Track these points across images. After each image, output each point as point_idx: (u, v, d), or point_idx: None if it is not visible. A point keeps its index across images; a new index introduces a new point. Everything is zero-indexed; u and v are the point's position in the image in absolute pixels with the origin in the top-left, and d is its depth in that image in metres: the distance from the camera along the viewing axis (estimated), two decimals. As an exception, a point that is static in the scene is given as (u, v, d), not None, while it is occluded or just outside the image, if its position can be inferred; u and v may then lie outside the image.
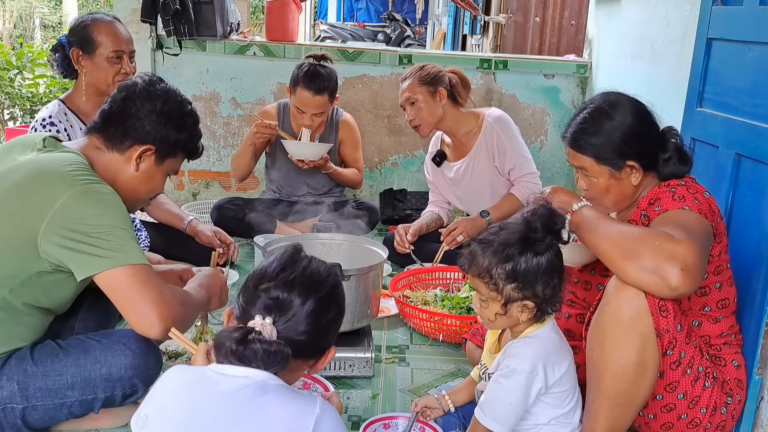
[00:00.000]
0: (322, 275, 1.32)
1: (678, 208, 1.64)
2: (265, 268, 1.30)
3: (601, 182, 1.77)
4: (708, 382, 1.63)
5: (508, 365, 1.54)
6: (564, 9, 5.42)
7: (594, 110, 1.77)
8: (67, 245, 1.53)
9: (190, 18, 3.76)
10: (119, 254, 1.55)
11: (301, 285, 1.26)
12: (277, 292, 1.24)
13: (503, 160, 2.94)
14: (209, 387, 1.16)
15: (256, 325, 1.20)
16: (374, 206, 3.38)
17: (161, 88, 1.78)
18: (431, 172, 3.21)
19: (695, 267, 1.47)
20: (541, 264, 1.51)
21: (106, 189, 1.61)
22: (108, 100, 1.78)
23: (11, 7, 12.42)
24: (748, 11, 1.95)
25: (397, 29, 11.39)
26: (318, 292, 1.27)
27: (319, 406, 1.17)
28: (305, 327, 1.24)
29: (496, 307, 1.56)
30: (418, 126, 2.92)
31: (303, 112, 3.09)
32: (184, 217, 2.88)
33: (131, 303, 1.57)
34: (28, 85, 5.09)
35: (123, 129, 1.72)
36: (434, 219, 3.16)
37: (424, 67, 2.92)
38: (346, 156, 3.40)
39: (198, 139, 1.87)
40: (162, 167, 1.79)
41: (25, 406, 1.60)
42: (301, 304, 1.24)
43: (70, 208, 1.53)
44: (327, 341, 1.32)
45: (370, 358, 2.08)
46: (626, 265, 1.52)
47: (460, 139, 3.03)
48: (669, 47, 2.75)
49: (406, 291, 2.63)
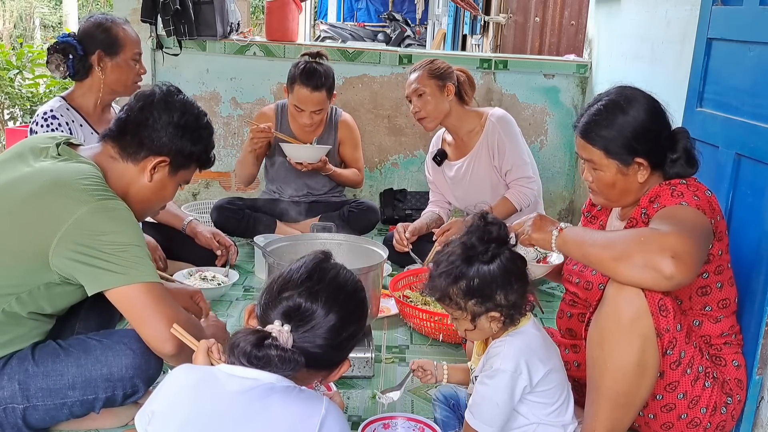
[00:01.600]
0: (349, 289, 1.29)
1: (675, 203, 1.64)
2: (292, 273, 1.27)
3: (608, 176, 1.77)
4: (708, 382, 1.63)
5: (491, 365, 1.54)
6: (564, 9, 5.42)
7: (609, 103, 1.76)
8: (80, 260, 1.53)
9: (190, 18, 3.76)
10: (134, 271, 1.56)
11: (326, 297, 1.24)
12: (300, 300, 1.22)
13: (502, 161, 2.94)
14: (216, 387, 1.16)
15: (274, 330, 1.18)
16: (374, 206, 3.37)
17: (179, 99, 1.77)
18: (432, 171, 3.21)
19: (686, 253, 1.47)
20: (493, 274, 1.51)
21: (120, 205, 1.61)
22: (125, 108, 1.77)
23: (11, 7, 12.41)
24: (748, 11, 1.95)
25: (397, 29, 11.40)
26: (343, 307, 1.25)
27: (324, 407, 1.16)
28: (323, 341, 1.22)
29: (465, 323, 1.57)
30: (424, 118, 2.91)
31: (302, 110, 3.09)
32: (184, 218, 2.88)
33: (146, 319, 1.57)
34: (28, 85, 5.08)
35: (139, 139, 1.71)
36: (434, 219, 3.16)
37: (434, 61, 2.92)
38: (346, 156, 3.39)
39: (211, 150, 1.87)
40: (175, 178, 1.79)
41: (26, 406, 1.60)
42: (324, 316, 1.22)
43: (84, 223, 1.53)
44: (342, 355, 1.30)
45: (370, 358, 2.09)
46: (618, 267, 1.52)
47: (462, 137, 3.03)
48: (669, 47, 2.75)
49: (406, 291, 2.63)
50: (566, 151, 4.08)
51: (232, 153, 4.12)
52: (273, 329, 1.19)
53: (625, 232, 1.58)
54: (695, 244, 1.51)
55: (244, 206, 3.29)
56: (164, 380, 1.22)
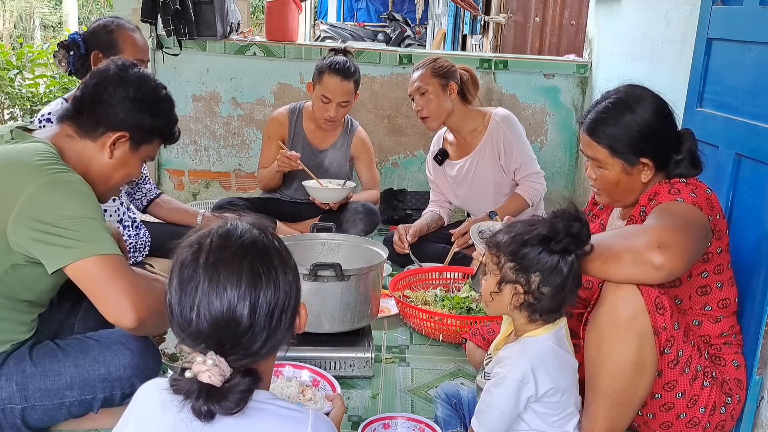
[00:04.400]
0: (242, 259, 1.07)
1: (671, 200, 1.64)
2: (173, 306, 1.07)
3: (612, 175, 1.76)
4: (707, 382, 1.63)
5: (498, 372, 1.53)
6: (564, 9, 5.42)
7: (617, 101, 1.75)
8: (36, 237, 1.50)
9: (190, 18, 3.76)
10: (89, 244, 1.51)
11: (229, 293, 1.05)
12: (201, 317, 1.04)
13: (509, 159, 2.94)
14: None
15: (201, 372, 0.99)
16: (374, 208, 3.34)
17: (134, 73, 1.72)
18: (433, 171, 3.20)
19: (673, 242, 1.47)
20: (544, 259, 1.49)
21: (74, 178, 1.57)
22: (80, 86, 1.73)
23: (11, 7, 12.42)
24: (748, 11, 1.95)
25: (397, 29, 11.39)
26: (252, 286, 1.06)
27: (311, 424, 1.08)
28: (261, 342, 1.07)
29: (493, 284, 1.55)
30: (426, 118, 2.90)
31: (329, 100, 3.06)
32: (196, 213, 2.88)
33: (103, 293, 1.53)
34: (28, 85, 5.08)
35: (95, 116, 1.67)
36: (435, 219, 3.16)
37: (437, 60, 2.91)
38: (362, 173, 3.39)
39: (174, 124, 1.81)
40: (137, 154, 1.74)
41: (24, 406, 1.60)
42: (244, 318, 1.04)
43: (37, 198, 1.50)
44: (288, 319, 1.12)
45: (370, 358, 2.08)
46: (610, 268, 1.53)
47: (465, 136, 3.02)
48: (669, 47, 2.75)
49: (406, 291, 2.63)
50: (566, 151, 4.08)
51: (232, 153, 4.12)
52: (200, 370, 0.99)
53: (610, 233, 1.60)
54: (682, 234, 1.51)
55: (244, 206, 3.28)
56: (133, 400, 1.13)
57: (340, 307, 2.07)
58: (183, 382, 1.00)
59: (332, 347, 2.07)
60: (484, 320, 2.25)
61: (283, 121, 3.29)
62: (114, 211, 2.62)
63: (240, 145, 4.11)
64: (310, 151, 3.28)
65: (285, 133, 3.28)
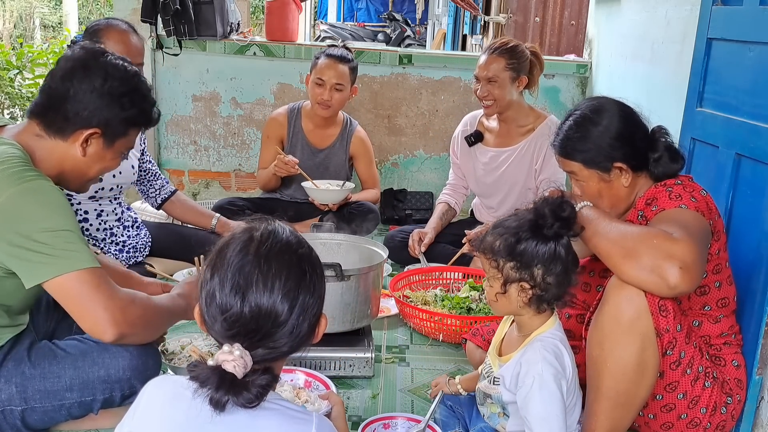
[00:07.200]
0: (288, 261, 1.09)
1: (675, 206, 1.64)
2: (215, 291, 1.08)
3: (592, 186, 1.78)
4: (708, 382, 1.63)
5: (533, 376, 1.49)
6: (564, 9, 5.42)
7: (579, 117, 1.79)
8: (11, 252, 1.45)
9: (190, 18, 3.76)
10: (65, 260, 1.46)
11: (270, 287, 1.06)
12: (237, 308, 1.06)
13: (544, 167, 2.91)
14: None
15: (227, 360, 1.00)
16: (374, 208, 3.34)
17: (101, 62, 1.60)
18: (459, 151, 3.14)
19: (694, 265, 1.47)
20: (542, 249, 1.50)
21: (46, 185, 1.49)
22: (47, 76, 1.62)
23: (11, 7, 12.41)
24: (748, 11, 1.95)
25: (397, 29, 11.38)
26: (294, 286, 1.09)
27: (315, 426, 1.08)
28: (285, 342, 1.08)
29: (497, 286, 1.56)
30: (491, 105, 2.87)
31: (323, 83, 3.07)
32: (212, 215, 2.88)
33: (81, 308, 1.49)
34: (28, 85, 5.09)
35: (63, 113, 1.57)
36: (448, 216, 3.14)
37: (515, 51, 2.84)
38: (362, 173, 3.39)
39: (150, 110, 1.70)
40: (112, 149, 1.65)
41: (24, 408, 1.59)
42: (276, 316, 1.06)
43: (8, 211, 1.43)
44: (313, 324, 1.13)
45: (370, 358, 2.08)
46: (625, 265, 1.52)
47: (510, 128, 2.98)
48: (669, 47, 2.75)
49: (406, 291, 2.63)
50: (566, 151, 4.07)
51: (232, 153, 4.12)
52: (225, 359, 1.00)
53: (638, 228, 1.56)
54: (701, 256, 1.51)
55: (244, 206, 3.28)
56: (140, 396, 1.14)
57: (340, 307, 2.07)
58: (203, 370, 1.01)
59: (332, 347, 2.07)
60: (484, 320, 2.25)
61: (283, 121, 3.29)
62: (111, 211, 2.61)
63: (240, 145, 4.11)
64: (309, 150, 3.28)
65: (284, 133, 3.29)
